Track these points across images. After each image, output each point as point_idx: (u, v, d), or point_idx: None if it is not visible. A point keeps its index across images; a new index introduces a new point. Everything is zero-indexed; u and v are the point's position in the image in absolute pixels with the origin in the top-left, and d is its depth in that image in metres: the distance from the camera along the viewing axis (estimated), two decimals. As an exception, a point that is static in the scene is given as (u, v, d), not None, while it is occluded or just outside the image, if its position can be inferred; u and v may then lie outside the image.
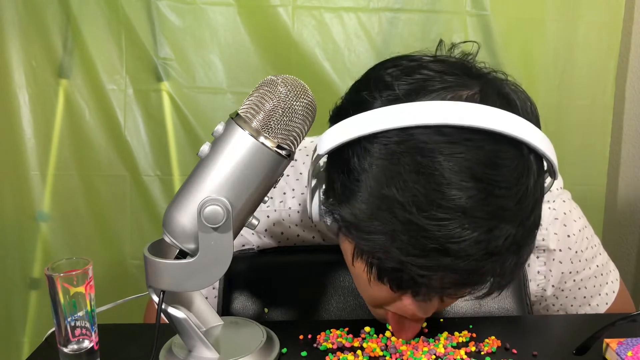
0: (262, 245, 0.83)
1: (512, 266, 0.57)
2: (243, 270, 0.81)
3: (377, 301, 0.68)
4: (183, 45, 1.38)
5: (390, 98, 0.57)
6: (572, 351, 0.67)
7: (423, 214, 0.53)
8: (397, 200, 0.53)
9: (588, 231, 0.88)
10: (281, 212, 0.82)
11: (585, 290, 0.88)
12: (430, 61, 0.60)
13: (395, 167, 0.54)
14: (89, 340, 0.62)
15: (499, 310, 0.79)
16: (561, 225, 0.84)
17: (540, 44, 1.38)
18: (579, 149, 1.43)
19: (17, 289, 1.47)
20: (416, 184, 0.53)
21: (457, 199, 0.52)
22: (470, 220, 0.53)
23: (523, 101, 0.59)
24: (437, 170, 0.53)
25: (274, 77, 0.61)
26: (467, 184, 0.53)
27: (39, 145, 1.42)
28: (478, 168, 0.53)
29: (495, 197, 0.54)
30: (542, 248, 0.83)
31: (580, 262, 0.86)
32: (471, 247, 0.53)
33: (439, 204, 0.53)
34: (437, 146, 0.53)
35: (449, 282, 0.56)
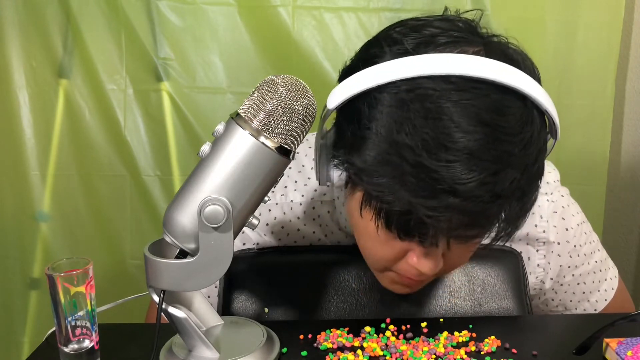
0: (262, 242, 0.83)
1: (516, 212, 0.60)
2: (243, 270, 0.81)
3: (381, 260, 0.68)
4: (183, 45, 1.38)
5: (400, 51, 0.59)
6: (572, 351, 0.67)
7: (431, 156, 0.55)
8: (406, 144, 0.55)
9: (586, 226, 0.88)
10: (283, 205, 0.83)
11: (584, 285, 0.88)
12: (437, 19, 0.63)
13: (405, 113, 0.56)
14: (89, 339, 0.62)
15: (499, 310, 0.79)
16: (560, 219, 0.85)
17: (540, 44, 1.38)
18: (579, 149, 1.43)
19: (17, 289, 1.47)
20: (424, 128, 0.55)
21: (465, 142, 0.55)
22: (477, 162, 0.55)
23: (525, 61, 0.62)
24: (445, 115, 0.55)
25: (274, 77, 0.61)
26: (474, 128, 0.55)
27: (39, 145, 1.41)
28: (485, 114, 0.55)
29: (501, 142, 0.56)
30: (542, 240, 0.84)
31: (579, 256, 0.87)
32: (478, 189, 0.55)
33: (446, 147, 0.55)
34: (445, 93, 0.55)
35: (457, 223, 0.57)
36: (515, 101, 0.58)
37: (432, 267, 0.65)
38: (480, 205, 0.56)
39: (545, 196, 0.84)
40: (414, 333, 0.72)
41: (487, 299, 0.79)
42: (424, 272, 0.65)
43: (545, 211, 0.84)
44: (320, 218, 0.83)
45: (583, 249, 0.87)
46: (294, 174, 0.83)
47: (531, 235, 0.84)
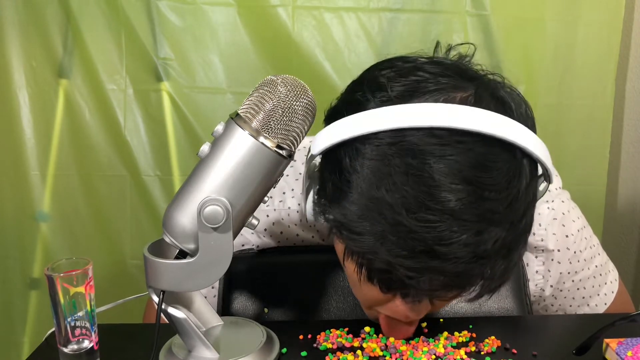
0: (261, 244, 0.83)
1: (501, 270, 0.57)
2: (243, 270, 0.81)
3: (369, 302, 0.68)
4: (183, 45, 1.38)
5: (384, 99, 0.57)
6: (572, 351, 0.67)
7: (411, 216, 0.53)
8: (387, 202, 0.54)
9: (587, 231, 0.88)
10: (280, 211, 0.82)
11: (584, 290, 0.88)
12: (426, 63, 0.60)
13: (386, 169, 0.54)
14: (88, 340, 0.62)
15: (499, 310, 0.79)
16: (560, 226, 0.84)
17: (540, 44, 1.38)
18: (579, 149, 1.43)
19: (17, 289, 1.47)
20: (405, 186, 0.53)
21: (446, 202, 0.52)
22: (459, 223, 0.53)
23: (518, 104, 0.59)
24: (426, 172, 0.53)
25: (274, 77, 0.61)
26: (456, 187, 0.53)
27: (39, 145, 1.41)
28: (468, 171, 0.53)
29: (485, 200, 0.53)
30: (541, 248, 0.83)
31: (579, 262, 0.86)
32: (460, 250, 0.53)
33: (427, 206, 0.53)
34: (428, 148, 0.53)
35: (438, 284, 0.56)
36: (502, 153, 0.55)
37: (419, 312, 0.65)
38: (461, 266, 0.54)
39: (545, 204, 0.83)
40: (414, 333, 0.71)
41: (487, 299, 0.79)
42: (411, 317, 0.65)
43: (544, 219, 0.83)
44: (317, 225, 0.83)
45: (583, 254, 0.86)
46: (291, 181, 0.82)
47: (530, 243, 0.83)
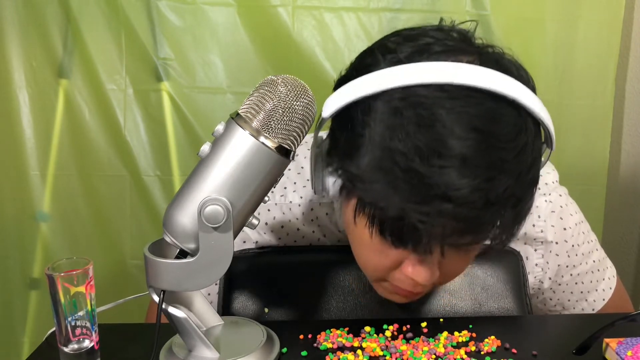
0: (261, 241, 0.84)
1: (511, 219, 0.59)
2: (243, 270, 0.81)
3: (377, 270, 0.68)
4: (183, 45, 1.38)
5: (394, 60, 0.59)
6: (572, 351, 0.67)
7: (424, 163, 0.54)
8: (399, 151, 0.55)
9: (584, 226, 0.89)
10: (282, 205, 0.83)
11: (582, 285, 0.89)
12: (432, 30, 0.63)
13: (398, 120, 0.56)
14: (89, 340, 0.62)
15: (499, 310, 0.79)
16: (557, 218, 0.85)
17: (540, 44, 1.38)
18: (579, 149, 1.43)
19: (17, 289, 1.47)
20: (417, 135, 0.55)
21: (458, 148, 0.54)
22: (470, 169, 0.54)
23: (520, 71, 0.61)
24: (438, 122, 0.55)
25: (274, 77, 0.61)
26: (466, 135, 0.55)
27: (39, 145, 1.42)
28: (478, 121, 0.55)
29: (494, 148, 0.55)
30: (540, 240, 0.84)
31: (577, 256, 0.87)
32: (471, 195, 0.55)
33: (439, 153, 0.54)
34: (438, 101, 0.55)
35: (450, 230, 0.57)
36: (509, 109, 0.57)
37: (427, 277, 0.64)
38: (473, 211, 0.55)
39: (543, 197, 0.84)
40: (414, 333, 0.72)
41: (487, 299, 0.79)
42: (419, 281, 0.64)
43: (543, 211, 0.84)
44: (319, 219, 0.83)
45: (581, 248, 0.87)
46: (293, 176, 0.83)
47: (529, 234, 0.84)
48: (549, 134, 0.61)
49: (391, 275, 0.67)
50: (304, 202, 0.83)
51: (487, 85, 0.56)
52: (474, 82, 0.56)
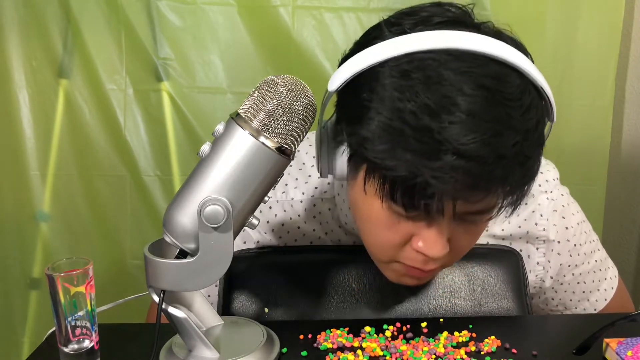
0: (262, 241, 0.84)
1: (520, 178, 0.60)
2: (243, 270, 0.81)
3: (386, 248, 0.67)
4: (183, 45, 1.38)
5: (398, 31, 0.61)
6: (572, 351, 0.67)
7: (434, 119, 0.56)
8: (409, 110, 0.57)
9: (586, 226, 0.89)
10: (283, 203, 0.83)
11: (584, 285, 0.89)
12: (431, 6, 0.65)
13: (406, 82, 0.58)
14: (89, 340, 0.62)
15: (499, 310, 0.79)
16: (560, 218, 0.85)
17: (540, 44, 1.38)
18: (579, 149, 1.43)
19: (17, 289, 1.47)
20: (426, 93, 0.56)
21: (466, 104, 0.56)
22: (479, 123, 0.56)
23: (518, 44, 0.63)
24: (445, 81, 0.56)
25: (274, 77, 0.61)
26: (474, 92, 0.56)
27: (39, 145, 1.42)
28: (484, 79, 0.57)
29: (502, 105, 0.57)
30: (543, 239, 0.84)
31: (579, 255, 0.87)
32: (481, 149, 0.56)
33: (448, 109, 0.56)
34: (445, 63, 0.57)
35: (461, 184, 0.57)
36: (512, 73, 0.59)
37: (439, 249, 0.64)
38: (483, 166, 0.56)
39: (544, 194, 0.84)
40: (414, 333, 0.72)
41: (487, 299, 0.79)
42: (430, 255, 0.64)
43: (545, 209, 0.84)
44: (321, 215, 0.83)
45: (583, 248, 0.87)
46: (294, 172, 0.84)
47: (531, 233, 0.84)
48: (551, 105, 0.63)
49: (401, 254, 0.67)
50: (305, 198, 0.83)
51: (491, 51, 0.58)
52: (477, 48, 0.58)
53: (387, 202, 0.62)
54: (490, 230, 0.84)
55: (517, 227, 0.84)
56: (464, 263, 0.80)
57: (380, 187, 0.62)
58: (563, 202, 0.86)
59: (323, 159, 0.68)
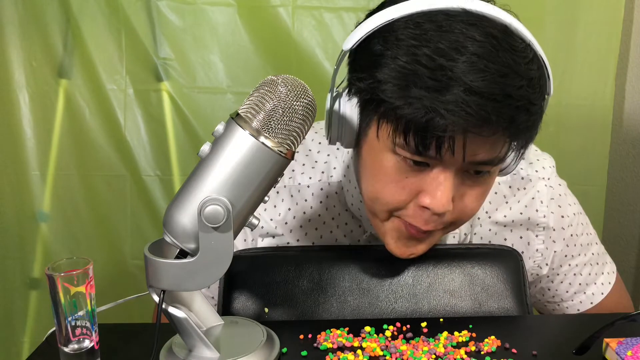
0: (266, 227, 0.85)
1: (524, 122, 0.63)
2: (243, 270, 0.81)
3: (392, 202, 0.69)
4: (183, 45, 1.39)
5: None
6: (572, 351, 0.67)
7: (447, 60, 0.60)
8: (424, 53, 0.61)
9: (583, 218, 0.91)
10: (291, 188, 0.85)
11: (581, 277, 0.90)
12: None
13: (420, 31, 0.62)
14: (89, 339, 0.62)
15: (499, 310, 0.79)
16: (556, 206, 0.87)
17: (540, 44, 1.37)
18: (579, 149, 1.43)
19: (17, 289, 1.47)
20: (440, 39, 0.61)
21: (476, 48, 0.61)
22: (487, 65, 0.60)
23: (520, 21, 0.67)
24: (457, 29, 0.62)
25: (274, 77, 0.61)
26: (484, 39, 0.61)
27: (39, 145, 1.42)
28: (493, 30, 0.62)
29: (508, 52, 0.62)
30: (542, 225, 0.87)
31: (576, 246, 0.89)
32: (489, 86, 0.60)
33: (460, 51, 0.61)
34: (456, 17, 0.62)
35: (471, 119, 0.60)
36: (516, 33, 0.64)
37: (444, 203, 0.66)
38: (492, 102, 0.60)
39: (543, 181, 0.87)
40: (414, 333, 0.72)
41: (487, 299, 0.79)
42: (435, 209, 0.66)
43: (544, 197, 0.86)
44: (328, 199, 0.85)
45: (580, 239, 0.89)
46: (301, 158, 0.86)
47: (532, 219, 0.86)
48: (548, 75, 0.67)
49: (404, 211, 0.69)
50: (313, 182, 0.85)
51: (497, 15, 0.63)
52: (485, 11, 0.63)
53: (399, 147, 0.65)
54: (492, 217, 0.86)
55: (518, 213, 0.86)
56: (464, 263, 0.80)
57: (393, 129, 0.64)
58: (560, 192, 0.88)
59: (333, 125, 0.71)
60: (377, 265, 0.80)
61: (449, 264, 0.80)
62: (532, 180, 0.87)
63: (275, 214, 0.85)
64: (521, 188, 0.86)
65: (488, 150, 0.64)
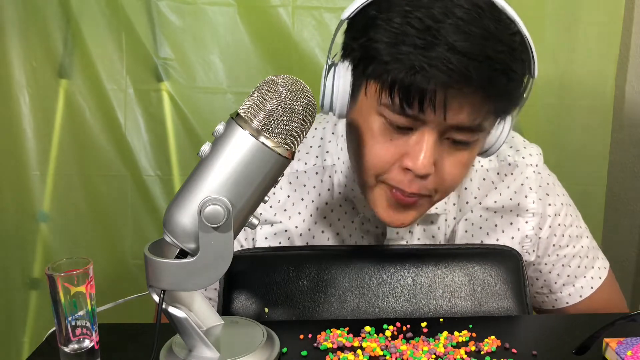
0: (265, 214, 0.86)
1: (504, 86, 0.68)
2: (243, 270, 0.81)
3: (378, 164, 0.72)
4: (183, 45, 1.39)
5: None
6: (571, 351, 0.67)
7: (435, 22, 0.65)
8: (416, 16, 0.66)
9: (573, 210, 0.93)
10: (288, 175, 0.87)
11: (570, 268, 0.91)
12: None
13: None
14: (89, 339, 0.62)
15: (499, 310, 0.79)
16: (544, 194, 0.89)
17: (540, 44, 1.37)
18: (579, 149, 1.43)
19: (17, 289, 1.47)
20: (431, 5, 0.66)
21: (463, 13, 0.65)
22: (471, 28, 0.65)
23: None
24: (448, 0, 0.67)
25: (274, 77, 0.61)
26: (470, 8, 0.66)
27: (40, 145, 1.42)
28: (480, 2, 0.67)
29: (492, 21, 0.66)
30: (532, 211, 0.89)
31: (564, 237, 0.90)
32: (471, 47, 0.64)
33: (448, 16, 0.65)
34: None
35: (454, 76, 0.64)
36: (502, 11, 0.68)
37: (424, 164, 0.69)
38: (473, 61, 0.64)
39: (531, 167, 0.89)
40: (414, 333, 0.72)
41: (487, 299, 0.79)
42: (416, 170, 0.69)
43: (533, 183, 0.89)
44: (323, 183, 0.87)
45: (568, 230, 0.90)
46: None
47: (522, 205, 0.88)
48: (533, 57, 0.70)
49: (389, 175, 0.72)
50: (308, 167, 0.87)
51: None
52: None
53: (384, 107, 0.69)
54: (483, 203, 0.88)
55: (508, 199, 0.88)
56: (464, 263, 0.80)
57: (380, 86, 0.68)
58: (549, 181, 0.91)
59: (327, 92, 0.75)
60: (377, 265, 0.80)
61: (449, 264, 0.80)
62: (520, 167, 0.89)
63: (275, 201, 0.86)
64: (509, 174, 0.89)
65: (469, 113, 0.68)
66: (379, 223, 0.87)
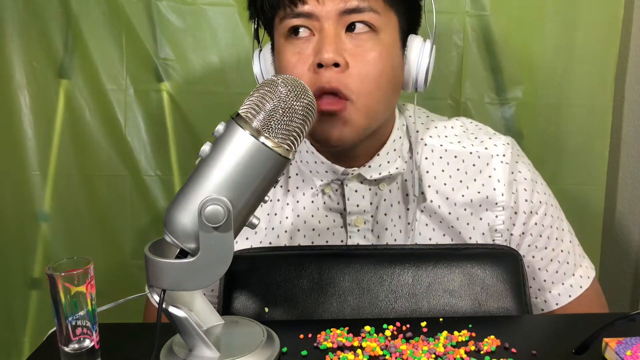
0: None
1: None
2: (243, 270, 0.81)
3: (304, 75, 0.77)
4: (183, 46, 1.38)
5: None
6: (571, 351, 0.67)
7: None
8: None
9: (553, 210, 0.89)
10: None
11: (546, 273, 0.88)
12: None
13: None
14: (89, 339, 0.62)
15: (499, 309, 0.79)
16: (517, 188, 0.86)
17: (540, 44, 1.37)
18: (579, 149, 1.43)
19: (17, 289, 1.47)
20: None
21: None
22: None
23: None
24: None
25: (275, 77, 0.61)
26: None
27: (40, 145, 1.41)
28: None
29: None
30: (501, 205, 0.86)
31: (541, 237, 0.87)
32: None
33: None
34: None
35: None
36: None
37: (330, 50, 0.75)
38: None
39: (497, 157, 0.86)
40: (414, 332, 0.72)
41: (487, 299, 0.79)
42: (326, 59, 0.75)
43: (501, 175, 0.86)
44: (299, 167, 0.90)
45: (546, 231, 0.87)
46: None
47: (491, 198, 0.85)
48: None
49: (310, 81, 0.76)
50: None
51: None
52: None
53: (280, 19, 0.79)
54: (451, 198, 0.86)
55: (476, 192, 0.86)
56: (463, 263, 0.81)
57: (269, 9, 0.80)
58: (526, 176, 0.87)
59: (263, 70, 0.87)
60: (377, 265, 0.80)
61: (448, 264, 0.80)
62: (482, 157, 0.86)
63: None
64: (470, 165, 0.87)
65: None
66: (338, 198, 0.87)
